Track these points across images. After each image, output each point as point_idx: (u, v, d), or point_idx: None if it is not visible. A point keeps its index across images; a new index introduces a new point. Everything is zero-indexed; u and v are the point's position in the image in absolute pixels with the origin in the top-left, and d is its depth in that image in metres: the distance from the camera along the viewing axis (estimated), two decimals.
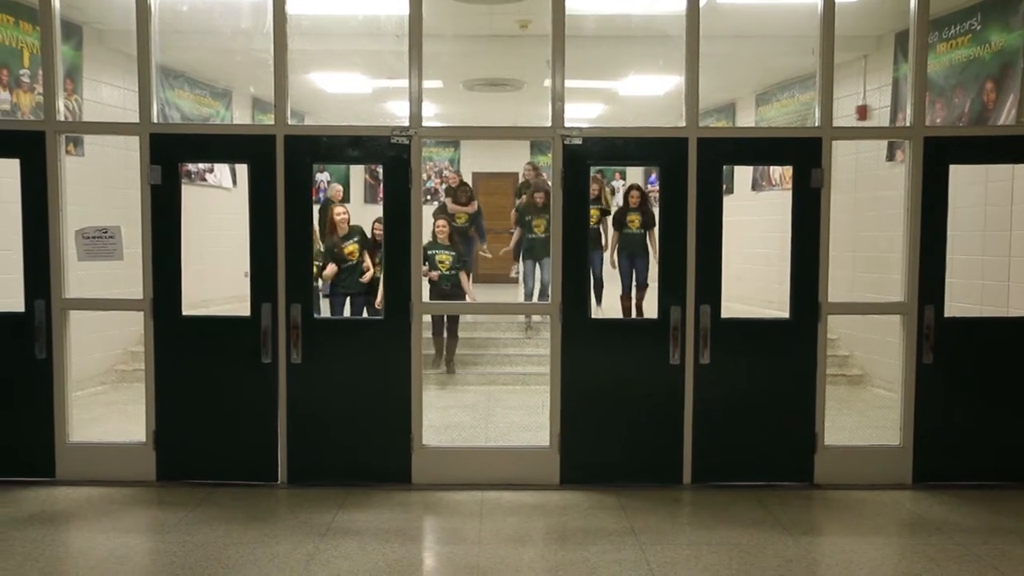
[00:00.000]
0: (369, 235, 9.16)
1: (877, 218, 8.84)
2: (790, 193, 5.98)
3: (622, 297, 10.21)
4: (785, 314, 5.97)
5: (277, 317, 5.78)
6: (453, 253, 9.32)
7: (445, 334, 9.59)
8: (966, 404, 5.89)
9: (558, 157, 5.83)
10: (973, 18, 7.63)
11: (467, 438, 7.16)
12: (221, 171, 11.72)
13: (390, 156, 5.83)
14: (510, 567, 4.52)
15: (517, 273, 10.68)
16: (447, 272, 9.21)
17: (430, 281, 8.92)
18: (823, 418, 5.88)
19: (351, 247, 8.96)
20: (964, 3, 7.66)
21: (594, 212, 9.45)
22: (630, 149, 6.04)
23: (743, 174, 12.49)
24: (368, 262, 8.94)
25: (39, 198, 5.73)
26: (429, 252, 8.93)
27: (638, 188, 10.30)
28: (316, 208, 14.44)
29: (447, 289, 9.20)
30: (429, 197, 16.75)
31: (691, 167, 5.83)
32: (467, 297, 9.44)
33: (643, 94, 12.02)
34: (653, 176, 17.16)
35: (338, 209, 9.21)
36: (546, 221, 8.85)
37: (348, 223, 9.06)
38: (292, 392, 5.81)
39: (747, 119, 12.45)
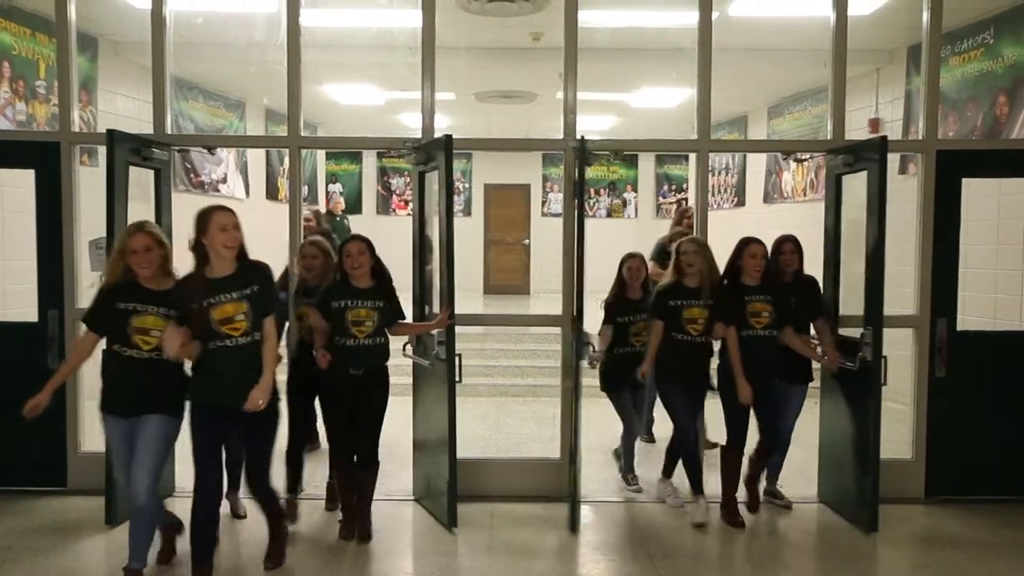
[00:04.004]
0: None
1: (889, 231, 8.78)
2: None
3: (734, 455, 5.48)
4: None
5: None
6: (379, 303, 4.98)
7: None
8: (979, 418, 5.86)
9: (571, 169, 5.84)
10: (986, 32, 7.62)
11: (477, 449, 7.15)
12: (234, 182, 11.78)
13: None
14: None
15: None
16: (366, 341, 4.94)
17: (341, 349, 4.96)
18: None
19: (231, 308, 4.20)
20: (977, 17, 7.65)
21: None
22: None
23: (755, 186, 12.48)
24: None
25: (53, 208, 5.77)
26: (334, 304, 4.94)
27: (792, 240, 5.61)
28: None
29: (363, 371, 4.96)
30: None
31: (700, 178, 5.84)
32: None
33: (655, 106, 12.03)
34: (665, 188, 17.20)
35: (136, 241, 4.23)
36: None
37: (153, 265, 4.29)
38: None
39: (759, 131, 12.45)
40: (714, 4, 5.87)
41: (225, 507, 4.75)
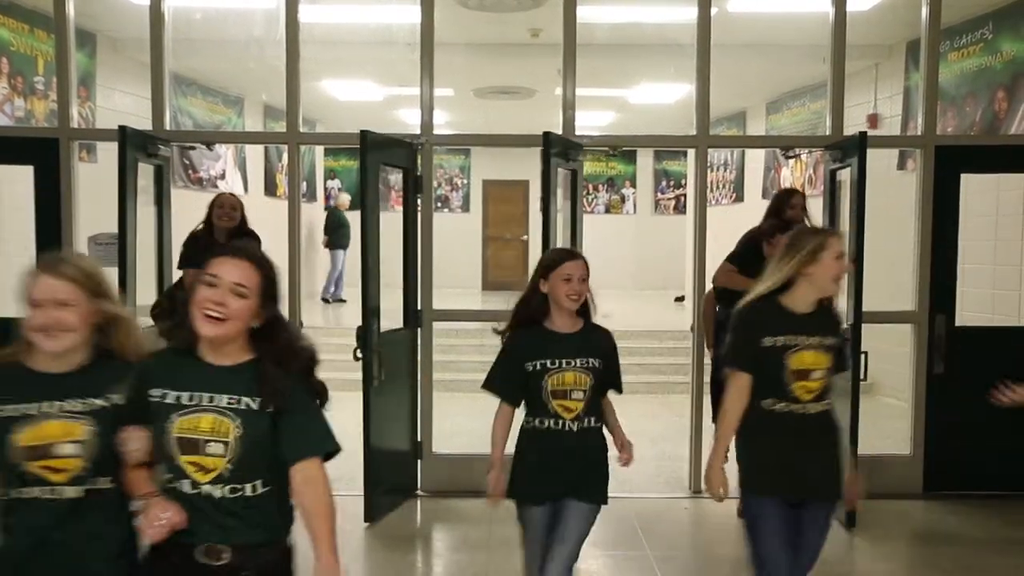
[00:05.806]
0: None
1: (887, 227, 8.80)
2: None
3: None
4: None
5: None
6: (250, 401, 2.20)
7: None
8: (977, 413, 5.83)
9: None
10: (985, 27, 7.61)
11: (476, 445, 7.15)
12: (233, 178, 11.77)
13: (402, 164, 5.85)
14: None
15: None
16: (217, 490, 2.16)
17: None
18: None
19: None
20: (976, 12, 7.64)
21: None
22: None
23: (753, 182, 12.48)
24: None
25: (52, 205, 5.76)
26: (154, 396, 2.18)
27: None
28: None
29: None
30: (440, 204, 16.82)
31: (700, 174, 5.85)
32: None
33: (653, 102, 12.02)
34: (663, 184, 17.20)
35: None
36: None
37: None
38: None
39: (758, 127, 12.44)
40: (713, 0, 5.87)
41: None
